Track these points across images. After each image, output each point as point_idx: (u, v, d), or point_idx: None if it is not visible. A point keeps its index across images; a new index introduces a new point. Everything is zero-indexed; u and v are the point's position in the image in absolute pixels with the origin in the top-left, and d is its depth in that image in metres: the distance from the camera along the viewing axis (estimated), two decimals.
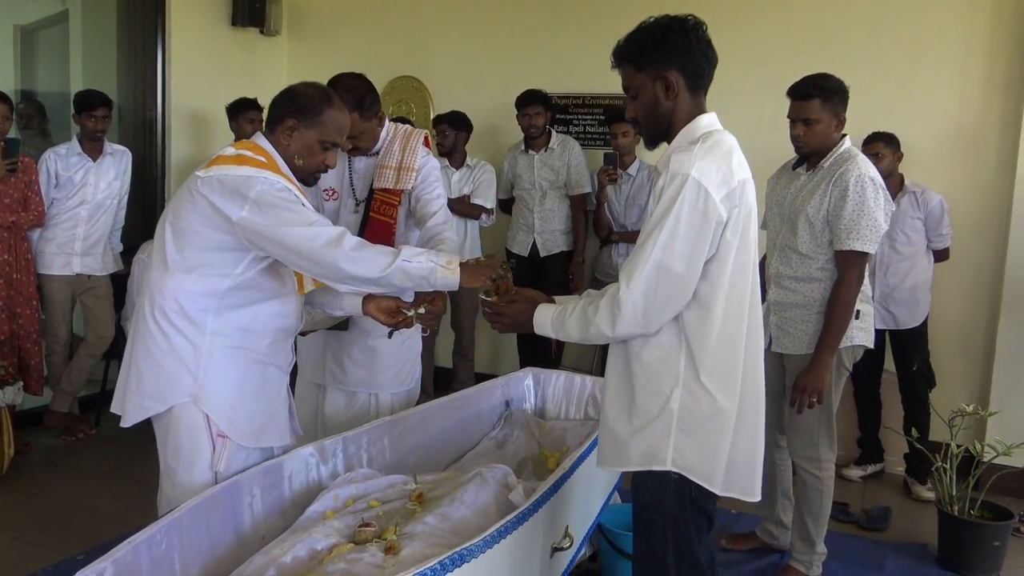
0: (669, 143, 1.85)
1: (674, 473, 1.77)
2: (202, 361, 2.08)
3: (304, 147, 2.15)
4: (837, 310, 2.71)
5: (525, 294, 2.01)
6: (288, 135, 2.14)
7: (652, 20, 1.82)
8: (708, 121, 1.82)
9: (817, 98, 2.75)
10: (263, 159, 2.09)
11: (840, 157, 2.76)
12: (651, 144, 1.91)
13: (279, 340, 2.23)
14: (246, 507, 2.08)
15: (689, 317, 1.76)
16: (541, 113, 4.54)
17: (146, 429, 4.30)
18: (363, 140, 2.67)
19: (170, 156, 5.01)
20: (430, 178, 2.73)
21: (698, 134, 1.79)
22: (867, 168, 2.72)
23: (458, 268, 2.10)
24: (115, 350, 4.44)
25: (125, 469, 3.96)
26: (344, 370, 2.81)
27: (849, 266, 2.71)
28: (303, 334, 2.59)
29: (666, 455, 1.77)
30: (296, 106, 2.14)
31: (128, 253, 4.45)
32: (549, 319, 1.88)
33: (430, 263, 2.07)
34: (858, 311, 2.82)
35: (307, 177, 2.22)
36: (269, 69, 5.62)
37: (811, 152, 2.82)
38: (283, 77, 5.69)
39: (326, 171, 2.26)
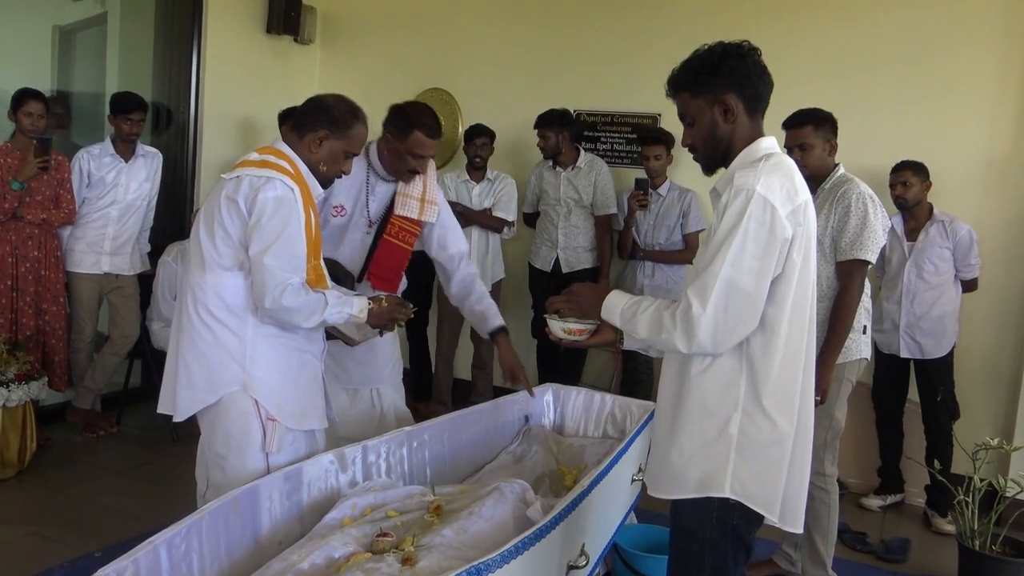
0: (727, 167, 1.83)
1: (732, 500, 1.72)
2: (247, 350, 2.25)
3: (331, 155, 2.35)
4: (841, 316, 2.86)
5: (589, 284, 2.05)
6: (318, 144, 2.33)
7: (707, 47, 1.82)
8: (769, 144, 1.81)
9: (809, 125, 2.96)
10: (285, 164, 2.26)
11: (839, 180, 2.96)
12: (709, 170, 1.89)
13: (312, 328, 2.37)
14: (265, 512, 2.09)
15: (754, 341, 1.72)
16: (550, 136, 4.54)
17: (166, 429, 4.34)
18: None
19: (201, 159, 5.07)
20: (450, 214, 2.97)
21: (759, 155, 1.77)
22: (865, 187, 2.90)
23: (367, 315, 2.39)
24: (139, 349, 4.48)
25: (144, 468, 3.99)
26: (346, 369, 2.88)
27: (852, 275, 2.86)
28: (353, 343, 2.73)
29: (724, 481, 1.72)
30: (330, 118, 2.33)
31: (156, 254, 4.50)
32: (620, 306, 1.83)
33: (346, 314, 2.33)
34: (864, 326, 2.98)
35: (326, 181, 2.42)
36: (302, 76, 5.68)
37: (809, 176, 3.00)
38: (315, 85, 5.75)
39: (341, 177, 2.49)
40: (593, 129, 5.00)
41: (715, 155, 1.85)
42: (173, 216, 4.95)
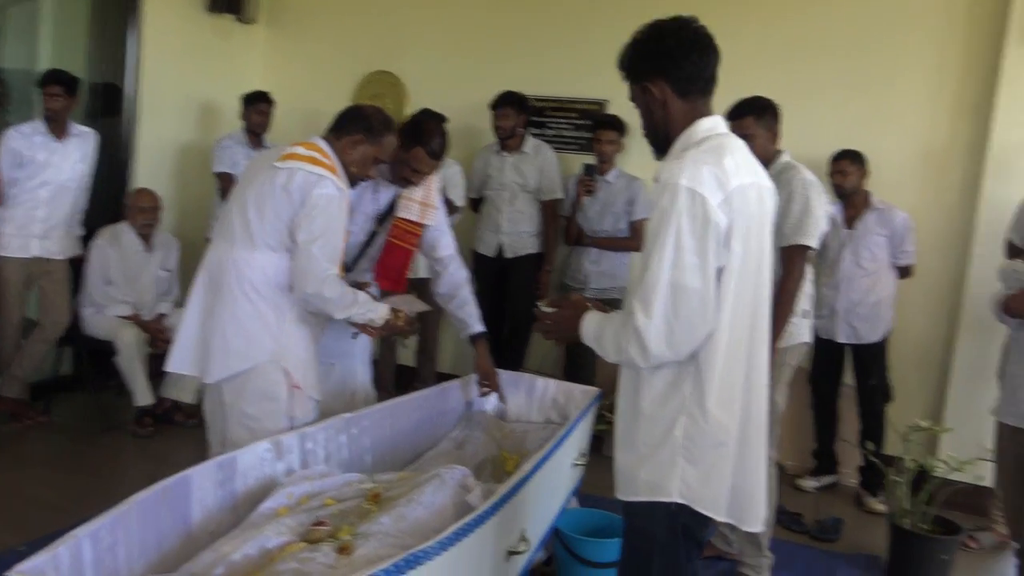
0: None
1: (675, 505, 1.68)
2: (284, 325, 2.52)
3: (362, 159, 2.61)
4: (783, 301, 2.88)
5: (574, 301, 1.89)
6: (353, 146, 2.58)
7: (640, 28, 1.75)
8: (708, 125, 1.73)
9: (750, 115, 2.96)
10: (329, 162, 2.51)
11: (782, 167, 2.97)
12: (658, 154, 1.81)
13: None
14: (196, 502, 2.05)
15: None
16: (510, 116, 4.52)
17: (98, 418, 4.22)
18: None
19: (139, 140, 4.92)
20: (444, 219, 3.10)
21: (695, 139, 1.70)
22: (808, 173, 2.94)
23: (384, 323, 2.66)
24: (70, 336, 4.34)
25: (73, 458, 3.88)
26: (324, 342, 2.86)
27: (794, 260, 2.89)
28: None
29: (672, 486, 1.67)
30: (367, 125, 2.59)
31: (89, 237, 4.36)
32: (592, 329, 1.76)
33: (369, 317, 2.62)
34: (805, 311, 3.02)
35: (353, 182, 2.64)
36: (245, 57, 5.54)
37: None
38: (259, 66, 5.62)
39: (366, 180, 2.73)
40: (540, 114, 4.97)
41: (657, 140, 1.79)
42: (109, 199, 4.79)
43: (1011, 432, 2.42)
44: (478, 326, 3.10)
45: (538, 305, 1.95)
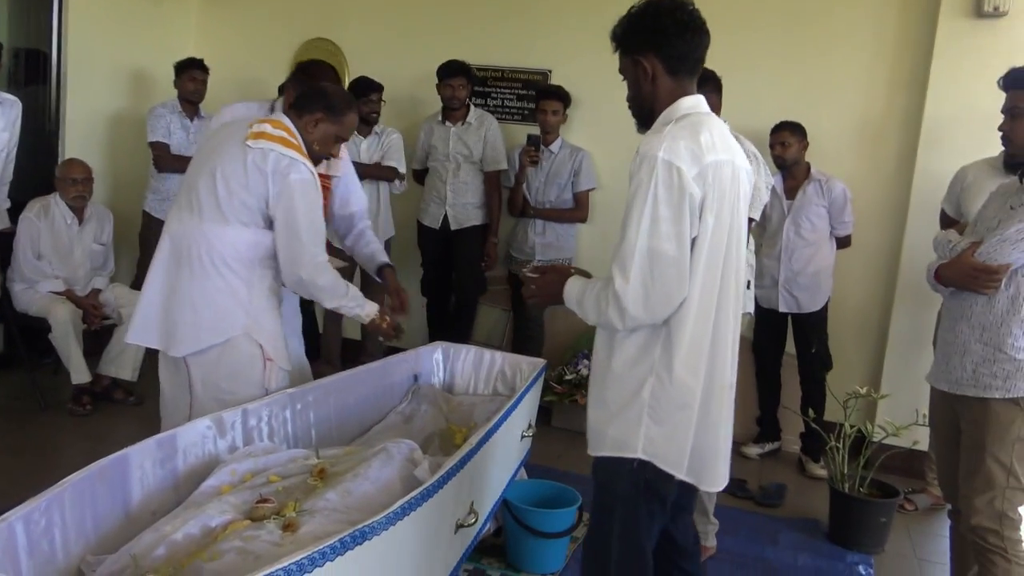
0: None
1: (638, 462, 1.78)
2: (254, 299, 2.54)
3: (324, 137, 2.60)
4: None
5: (557, 268, 2.02)
6: (314, 124, 2.58)
7: (638, 3, 1.82)
8: (691, 103, 1.81)
9: None
10: (296, 142, 2.52)
11: None
12: (641, 128, 1.89)
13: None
14: (136, 481, 1.99)
15: None
16: (464, 85, 4.46)
17: (34, 397, 4.07)
18: None
19: (67, 109, 4.72)
20: (352, 170, 3.11)
21: (676, 115, 1.78)
22: (750, 146, 2.98)
23: (369, 322, 2.73)
24: (0, 313, 4.18)
25: (8, 438, 3.74)
26: None
27: None
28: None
29: (637, 443, 1.78)
30: (327, 103, 2.58)
31: (17, 210, 4.18)
32: (575, 292, 1.85)
33: (355, 312, 2.69)
34: (748, 282, 3.07)
35: (316, 160, 2.63)
36: (177, 23, 5.34)
37: None
38: (192, 32, 5.43)
39: (329, 159, 2.74)
40: (484, 84, 4.92)
41: (642, 114, 1.87)
42: (37, 169, 4.60)
43: (943, 397, 2.49)
44: (384, 257, 3.13)
45: (524, 271, 2.04)
